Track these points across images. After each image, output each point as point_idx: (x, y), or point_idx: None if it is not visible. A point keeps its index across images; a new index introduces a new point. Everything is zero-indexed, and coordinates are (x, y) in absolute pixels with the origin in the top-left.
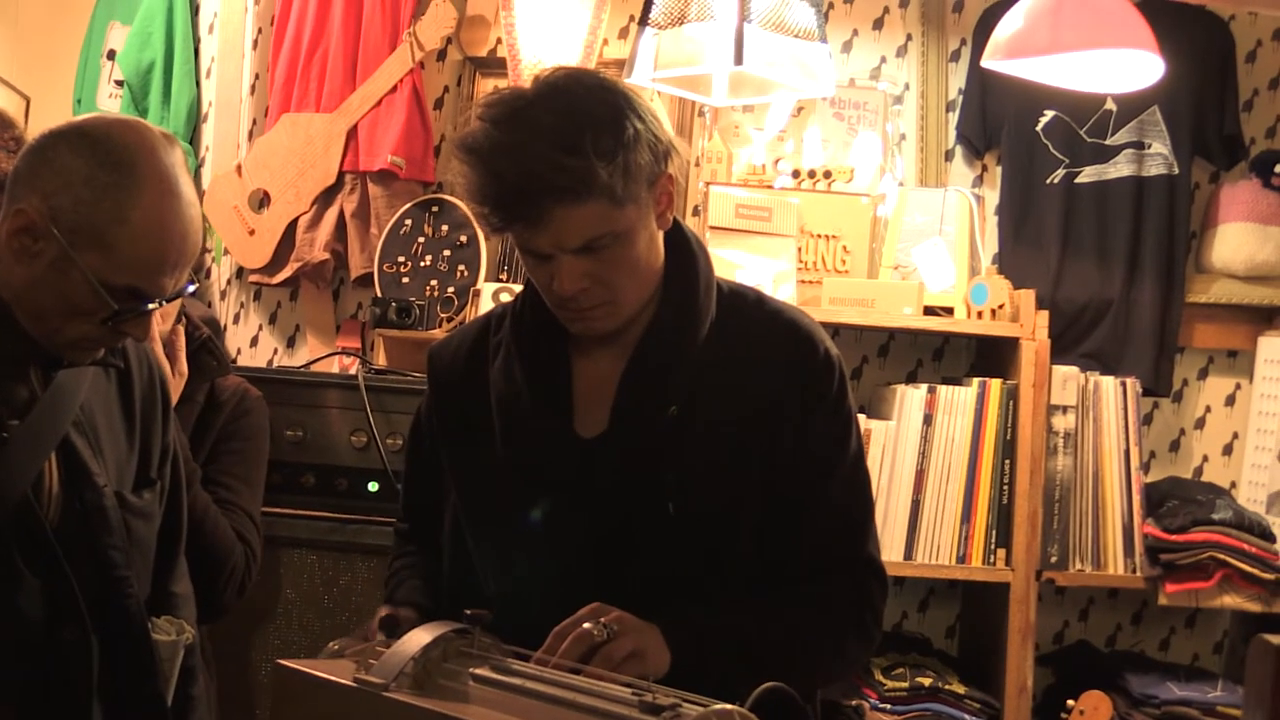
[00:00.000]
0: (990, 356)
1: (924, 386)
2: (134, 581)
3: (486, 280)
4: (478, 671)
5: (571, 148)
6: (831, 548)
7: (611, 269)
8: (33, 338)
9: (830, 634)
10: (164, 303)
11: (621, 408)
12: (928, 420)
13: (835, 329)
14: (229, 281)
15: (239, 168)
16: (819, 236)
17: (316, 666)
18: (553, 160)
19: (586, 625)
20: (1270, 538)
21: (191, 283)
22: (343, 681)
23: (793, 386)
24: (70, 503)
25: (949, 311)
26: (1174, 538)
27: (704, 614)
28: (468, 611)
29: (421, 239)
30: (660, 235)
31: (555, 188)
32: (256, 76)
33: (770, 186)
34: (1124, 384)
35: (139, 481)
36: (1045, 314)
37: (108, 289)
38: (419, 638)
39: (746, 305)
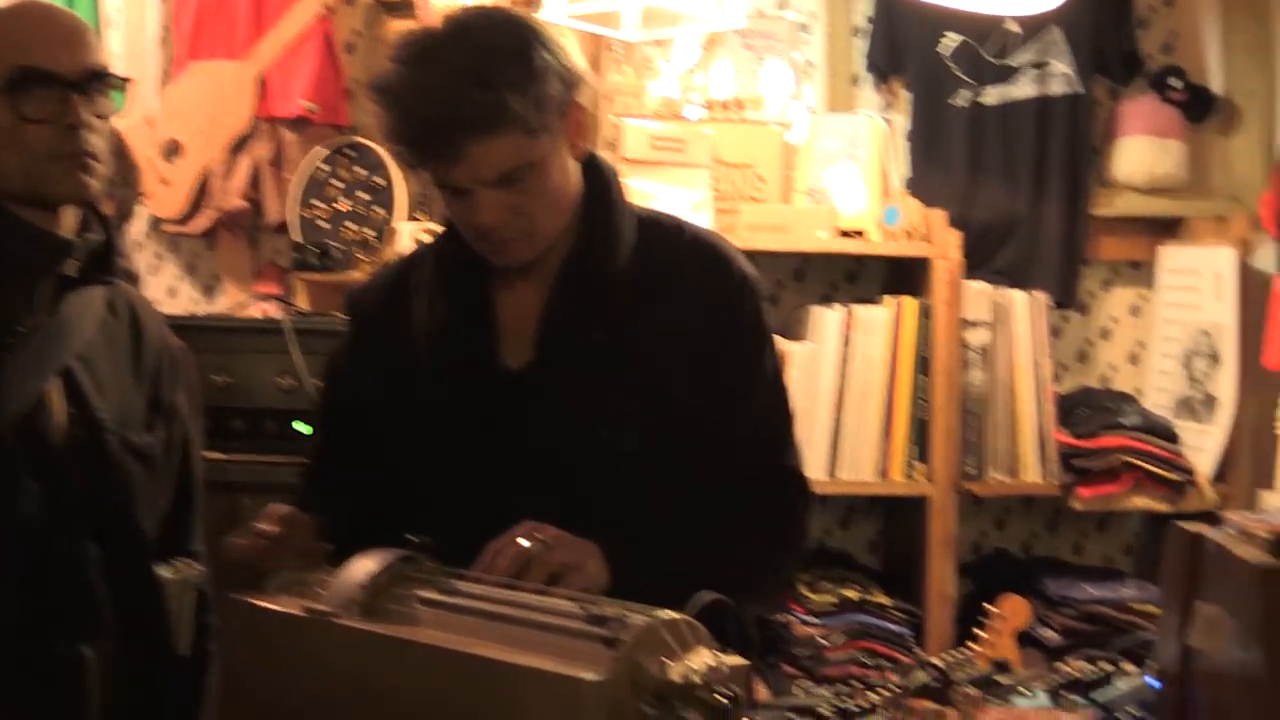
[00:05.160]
0: (903, 277)
1: (840, 308)
2: (134, 513)
3: (404, 221)
4: (425, 594)
5: (482, 81)
6: (756, 463)
7: (529, 200)
8: (36, 234)
9: (760, 547)
10: (80, 88)
11: (546, 337)
12: (845, 341)
13: (752, 255)
14: (145, 234)
15: (150, 118)
16: (733, 165)
17: (265, 599)
18: (464, 95)
19: (520, 539)
20: (1176, 439)
21: (109, 78)
22: (294, 612)
23: (710, 309)
24: (72, 429)
25: (862, 234)
26: (1085, 444)
27: (641, 532)
28: (410, 537)
29: (337, 183)
30: (575, 165)
31: (468, 122)
32: (165, 27)
33: (683, 118)
34: (1034, 298)
35: (141, 425)
36: (956, 233)
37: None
38: (365, 566)
39: (664, 231)
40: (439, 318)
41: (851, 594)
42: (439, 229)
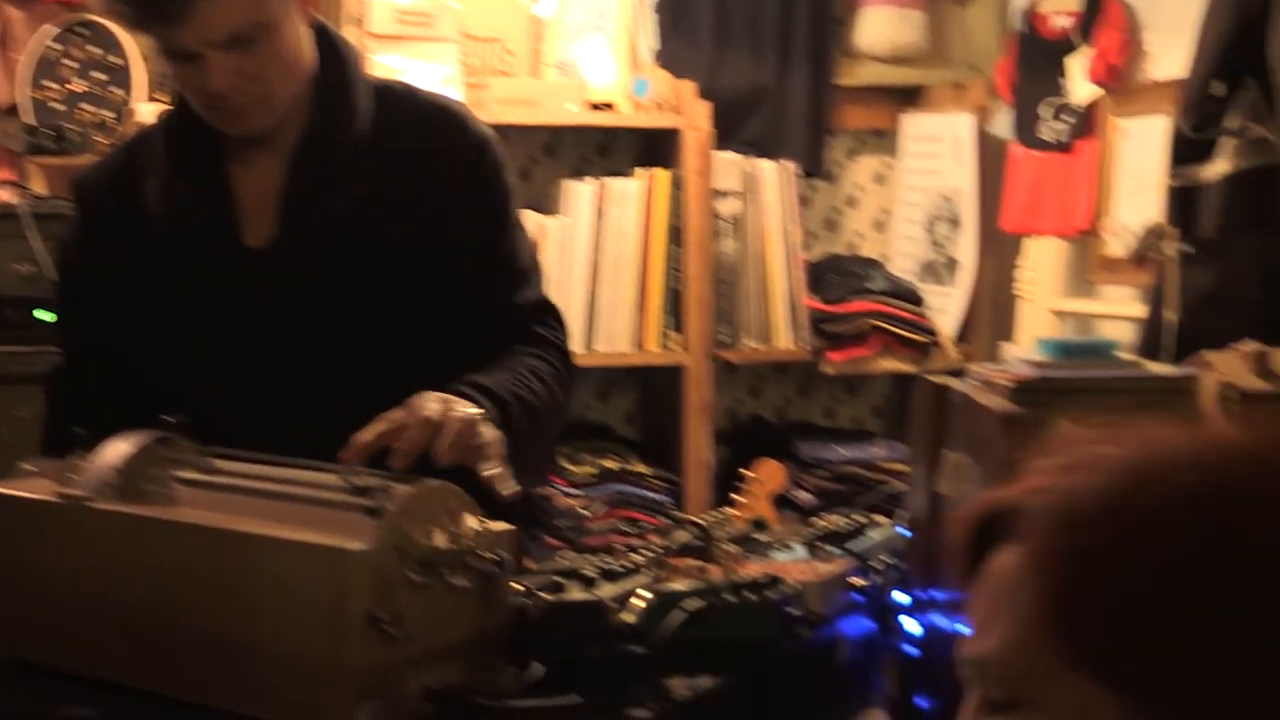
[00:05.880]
0: (654, 148)
1: (592, 181)
2: None
3: (143, 102)
4: (183, 475)
5: None
6: (519, 305)
7: (261, 64)
8: None
9: (558, 370)
10: None
11: (287, 211)
12: (598, 214)
13: (502, 130)
14: None
15: None
16: (481, 39)
17: (13, 486)
18: None
19: (427, 412)
20: (920, 302)
21: None
22: (45, 498)
23: (449, 169)
24: None
25: (612, 107)
26: (834, 309)
27: (486, 379)
28: (166, 418)
29: (70, 62)
30: (308, 33)
31: None
32: None
33: None
34: (782, 167)
35: None
36: (705, 104)
37: None
38: (120, 448)
39: (398, 98)
40: (174, 198)
41: (611, 464)
42: (170, 106)
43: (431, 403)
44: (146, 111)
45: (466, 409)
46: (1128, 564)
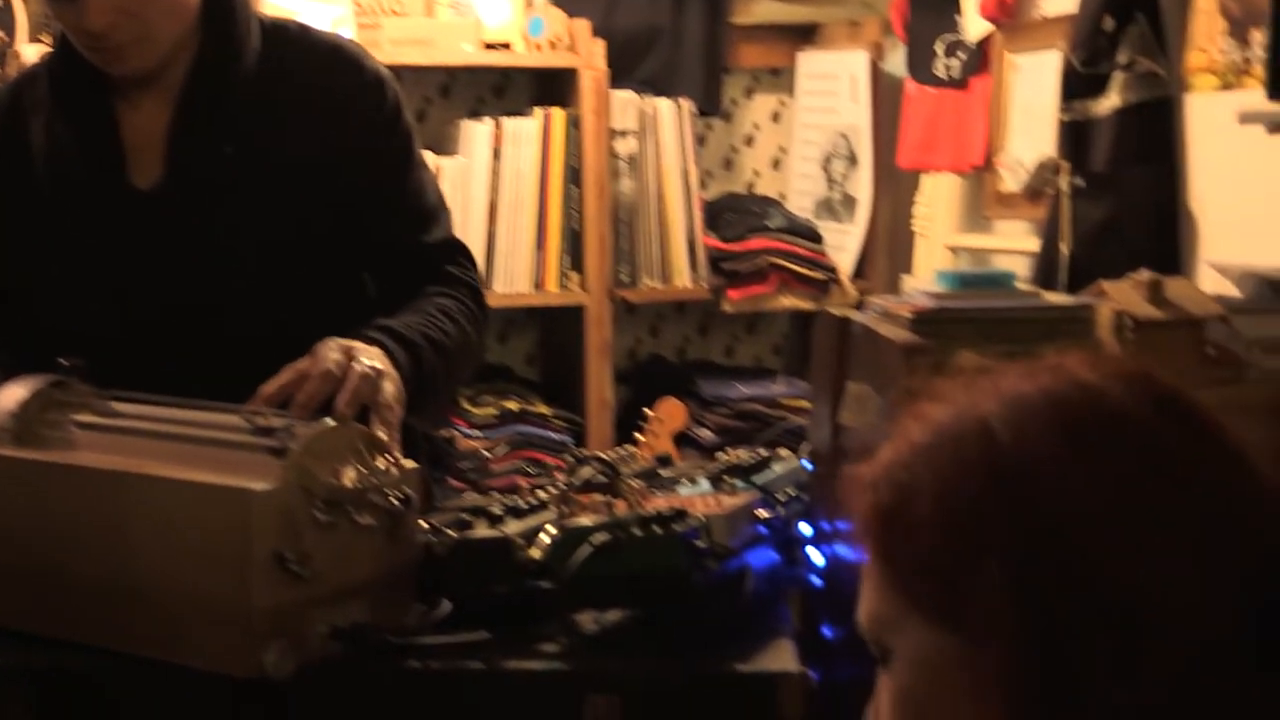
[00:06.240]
0: (551, 88)
1: (489, 121)
2: None
3: (26, 44)
4: (81, 418)
5: None
6: (428, 245)
7: (141, 2)
8: None
9: (469, 309)
10: None
11: (175, 152)
12: (495, 154)
13: (397, 70)
14: None
15: None
16: None
17: None
18: None
19: (328, 365)
20: (819, 239)
21: None
22: None
23: (344, 110)
24: None
25: (508, 46)
26: (733, 247)
27: (395, 322)
28: (62, 361)
29: None
30: None
31: None
32: None
33: None
34: (679, 106)
35: None
36: (600, 43)
37: None
38: (14, 393)
39: (291, 37)
40: (58, 138)
41: (512, 405)
42: (54, 45)
43: (334, 353)
44: (30, 53)
45: (369, 361)
46: (922, 506)
